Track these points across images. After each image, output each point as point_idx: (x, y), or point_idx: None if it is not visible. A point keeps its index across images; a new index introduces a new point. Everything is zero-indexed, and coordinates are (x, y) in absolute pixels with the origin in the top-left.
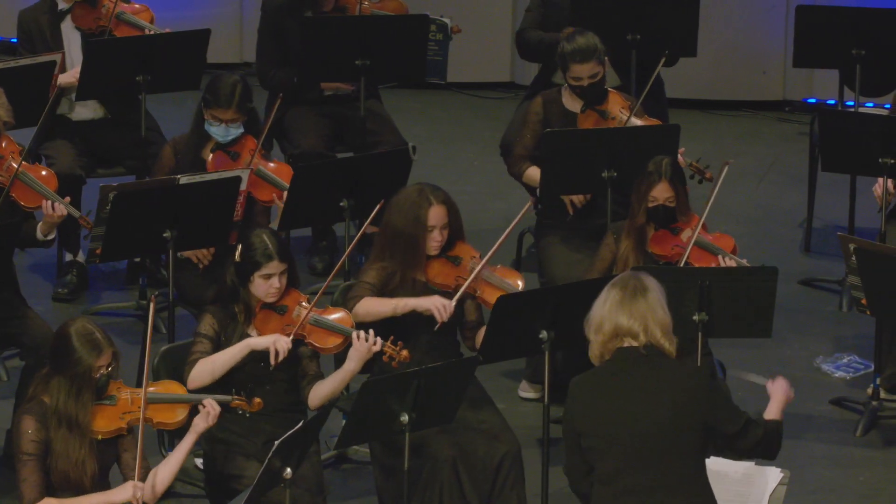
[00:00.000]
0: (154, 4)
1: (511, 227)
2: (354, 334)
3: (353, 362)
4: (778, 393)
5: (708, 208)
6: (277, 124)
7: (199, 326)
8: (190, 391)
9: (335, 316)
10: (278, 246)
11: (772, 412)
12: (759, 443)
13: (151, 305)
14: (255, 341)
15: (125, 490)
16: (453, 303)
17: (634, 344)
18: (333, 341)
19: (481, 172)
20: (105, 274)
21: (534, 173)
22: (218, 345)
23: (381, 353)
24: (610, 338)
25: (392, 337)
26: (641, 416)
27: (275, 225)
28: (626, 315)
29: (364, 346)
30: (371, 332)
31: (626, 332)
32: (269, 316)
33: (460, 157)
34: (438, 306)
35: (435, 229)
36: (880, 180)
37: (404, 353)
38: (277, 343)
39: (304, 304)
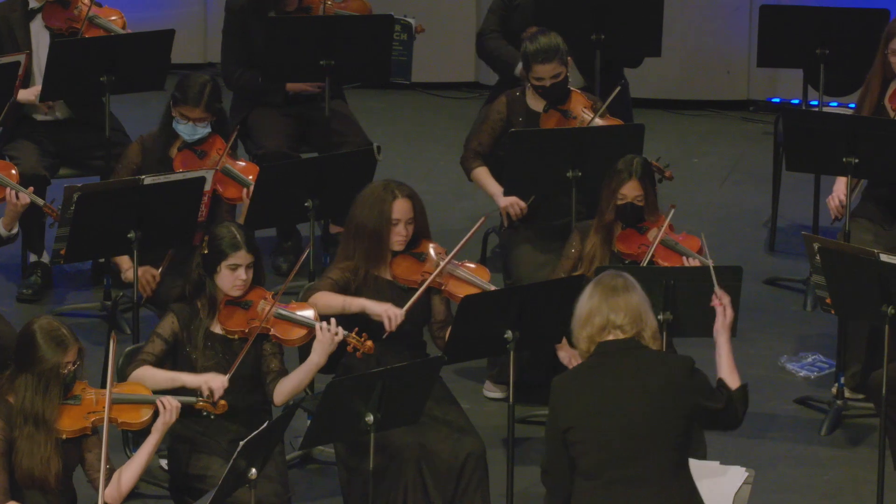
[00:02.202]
0: (119, 5)
1: (476, 227)
2: (318, 325)
3: (317, 354)
4: (723, 348)
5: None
6: (242, 125)
7: (158, 325)
8: None
9: (300, 310)
10: (245, 237)
11: (731, 379)
12: (739, 418)
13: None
14: (188, 378)
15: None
16: (403, 313)
17: (620, 336)
18: (297, 333)
19: (446, 172)
20: (69, 275)
21: (481, 176)
22: (174, 346)
23: (344, 343)
24: (598, 331)
25: (357, 328)
26: (626, 407)
27: (240, 221)
28: (618, 310)
29: (328, 336)
30: (333, 321)
31: (615, 326)
32: (233, 311)
33: (425, 157)
34: (390, 314)
35: (399, 223)
36: (835, 191)
37: (368, 343)
38: (211, 383)
39: (269, 298)
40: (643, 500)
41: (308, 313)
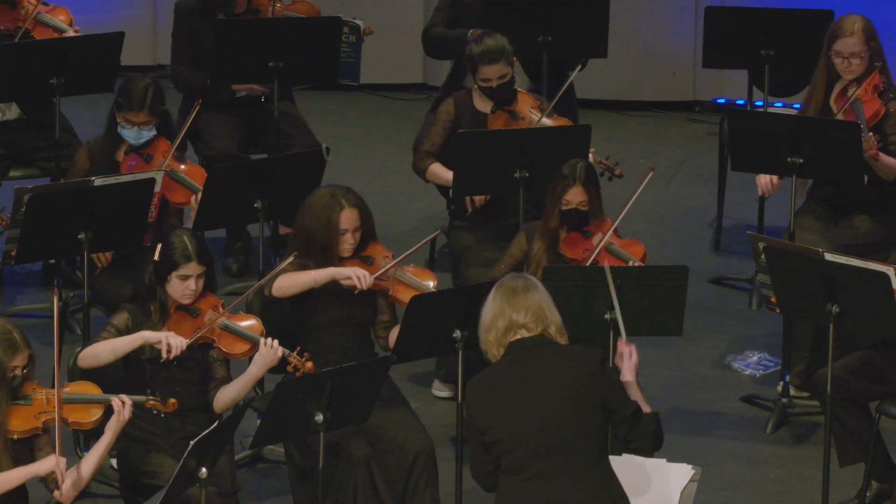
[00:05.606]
0: (68, 6)
1: (427, 239)
2: (262, 341)
3: (256, 367)
4: (632, 388)
5: (623, 213)
6: (191, 126)
7: (113, 317)
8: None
9: (245, 323)
10: (198, 248)
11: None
12: (652, 435)
13: (56, 300)
14: (150, 334)
15: (48, 461)
16: (372, 278)
17: (526, 335)
18: (241, 347)
19: (395, 173)
20: (20, 276)
21: (437, 170)
22: None
23: (286, 362)
24: (503, 333)
25: (299, 348)
26: (540, 403)
27: (189, 226)
28: (520, 309)
29: (270, 353)
30: (275, 340)
31: (520, 326)
32: (182, 318)
33: (374, 159)
34: (359, 274)
35: (347, 232)
36: (763, 176)
37: (309, 364)
38: (171, 338)
39: (219, 308)
40: (565, 491)
41: (254, 326)
